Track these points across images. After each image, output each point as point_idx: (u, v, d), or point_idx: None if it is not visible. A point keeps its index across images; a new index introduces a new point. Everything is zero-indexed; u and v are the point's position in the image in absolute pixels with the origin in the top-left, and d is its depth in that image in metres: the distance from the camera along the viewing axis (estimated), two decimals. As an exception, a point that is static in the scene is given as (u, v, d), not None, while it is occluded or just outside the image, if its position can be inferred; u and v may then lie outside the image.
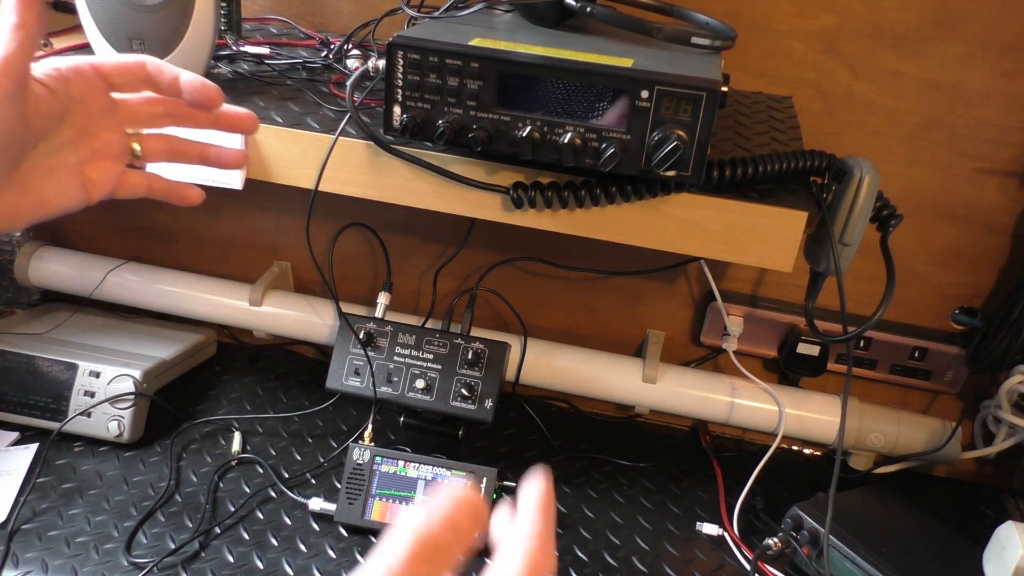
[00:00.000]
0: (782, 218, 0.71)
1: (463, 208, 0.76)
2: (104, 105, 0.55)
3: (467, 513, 0.34)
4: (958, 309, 1.08)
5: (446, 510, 0.34)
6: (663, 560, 0.94)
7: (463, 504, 0.34)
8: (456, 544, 0.34)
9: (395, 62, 0.68)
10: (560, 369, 1.12)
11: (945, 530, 0.96)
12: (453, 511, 0.34)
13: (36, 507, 0.93)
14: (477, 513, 0.34)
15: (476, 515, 0.34)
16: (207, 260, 1.26)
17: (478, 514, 0.34)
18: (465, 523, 0.34)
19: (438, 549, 0.33)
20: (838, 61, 0.98)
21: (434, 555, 0.32)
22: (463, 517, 0.34)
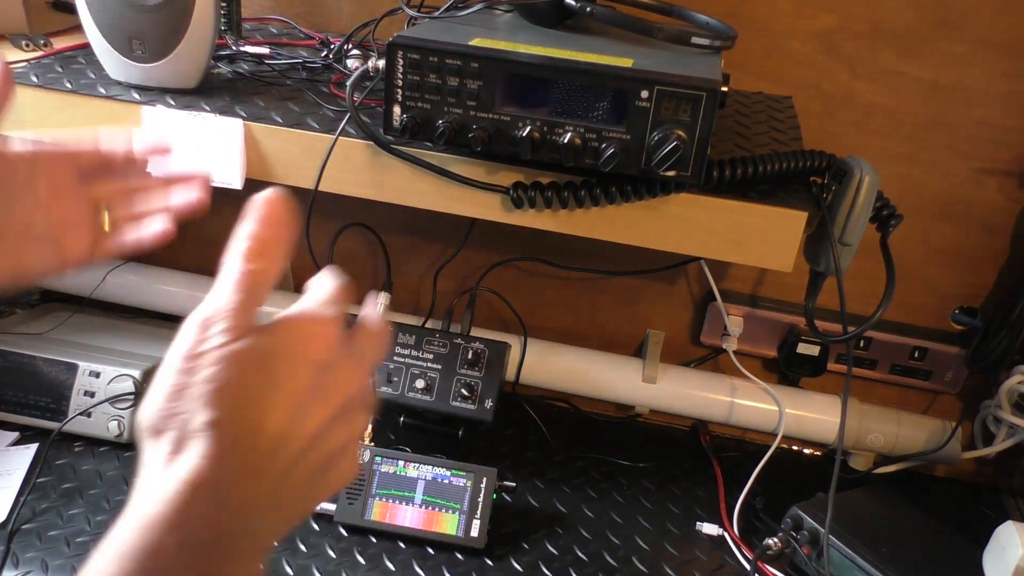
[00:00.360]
0: (782, 218, 0.71)
1: (463, 208, 0.76)
2: (70, 183, 0.58)
3: (277, 207, 0.41)
4: (958, 309, 1.08)
5: (264, 211, 0.40)
6: (663, 560, 0.94)
7: (275, 203, 0.40)
8: (279, 236, 0.41)
9: (395, 62, 0.68)
10: (560, 369, 1.12)
11: (945, 530, 0.96)
12: (267, 209, 0.40)
13: (36, 507, 0.93)
14: (285, 205, 0.41)
15: (285, 206, 0.41)
16: (207, 260, 1.25)
17: (286, 205, 0.41)
18: (279, 215, 0.41)
19: (265, 244, 0.40)
20: (838, 61, 0.98)
21: (265, 248, 0.40)
22: (276, 211, 0.41)
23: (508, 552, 0.93)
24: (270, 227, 0.41)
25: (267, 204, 0.41)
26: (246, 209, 0.41)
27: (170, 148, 0.63)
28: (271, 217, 0.41)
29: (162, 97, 0.81)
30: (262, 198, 0.41)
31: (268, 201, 0.41)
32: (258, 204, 0.41)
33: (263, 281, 0.41)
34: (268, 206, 0.41)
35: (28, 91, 0.81)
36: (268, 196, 0.41)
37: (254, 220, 0.41)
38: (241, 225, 0.41)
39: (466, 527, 0.91)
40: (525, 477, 1.05)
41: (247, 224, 0.41)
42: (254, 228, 0.40)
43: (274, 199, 0.41)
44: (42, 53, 0.90)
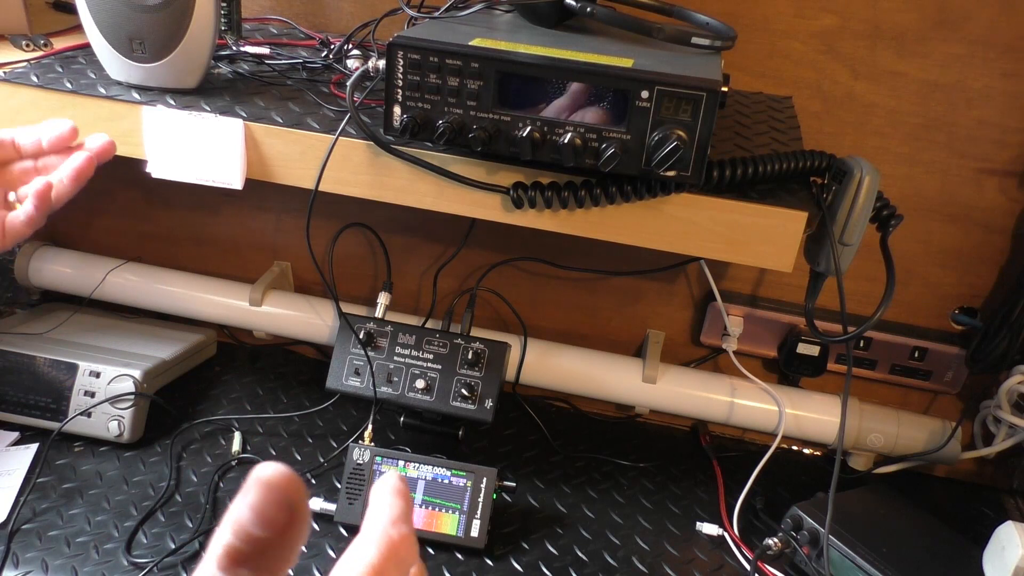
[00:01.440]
0: (782, 218, 0.71)
1: (463, 208, 0.76)
2: None
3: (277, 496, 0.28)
4: (958, 309, 1.08)
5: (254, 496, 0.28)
6: (663, 560, 0.94)
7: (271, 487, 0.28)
8: (271, 541, 0.28)
9: (395, 62, 0.68)
10: (560, 369, 1.12)
11: (945, 530, 0.96)
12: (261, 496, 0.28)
13: (36, 507, 0.93)
14: (289, 495, 0.28)
15: (288, 497, 0.28)
16: (207, 260, 1.26)
17: (292, 495, 0.28)
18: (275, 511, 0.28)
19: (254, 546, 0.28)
20: (838, 61, 0.98)
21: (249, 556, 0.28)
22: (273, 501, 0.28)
23: (508, 552, 0.93)
24: (268, 527, 0.28)
25: (263, 488, 0.27)
26: (247, 484, 0.28)
27: (74, 132, 0.70)
28: (270, 513, 0.27)
29: (162, 97, 0.81)
30: (260, 476, 0.27)
31: (264, 484, 0.27)
32: (254, 482, 0.28)
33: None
34: (264, 492, 0.27)
35: (28, 91, 0.81)
36: (267, 476, 0.28)
37: (253, 510, 0.28)
38: (237, 505, 0.28)
39: (466, 527, 0.91)
40: (525, 477, 1.05)
41: (243, 511, 0.28)
42: (240, 517, 0.28)
43: (273, 483, 0.28)
44: (42, 53, 0.90)
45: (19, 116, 0.82)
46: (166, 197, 1.24)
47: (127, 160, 0.81)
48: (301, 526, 0.28)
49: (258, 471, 0.28)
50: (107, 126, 0.81)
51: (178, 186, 0.82)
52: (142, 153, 0.81)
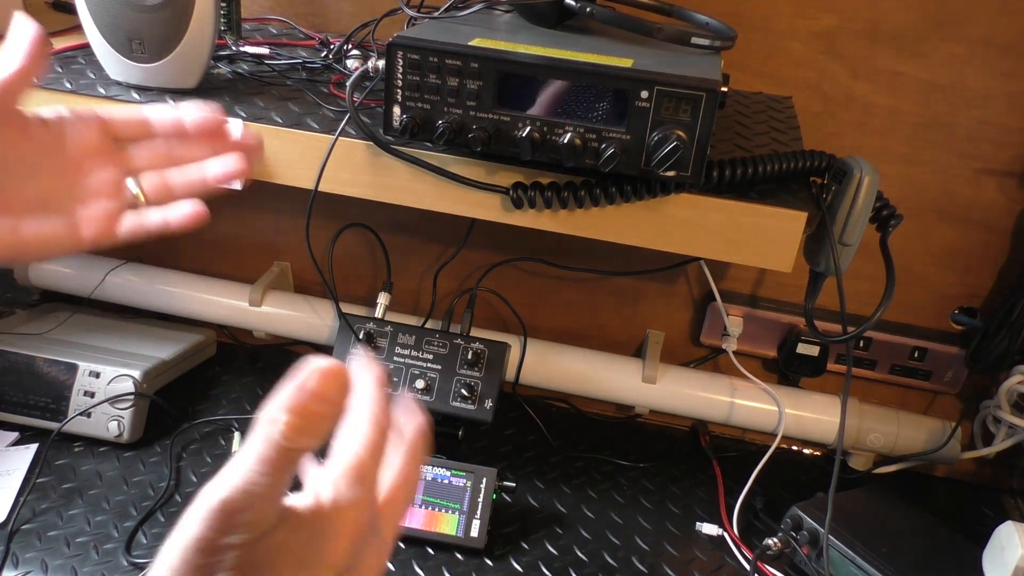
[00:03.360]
0: (782, 218, 0.71)
1: (463, 208, 0.76)
2: (101, 148, 0.54)
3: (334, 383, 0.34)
4: (958, 309, 1.08)
5: (314, 383, 0.33)
6: (663, 560, 0.94)
7: (329, 374, 0.33)
8: (326, 414, 0.34)
9: (395, 62, 0.68)
10: (560, 369, 1.12)
11: (945, 530, 0.96)
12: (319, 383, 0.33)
13: (36, 507, 0.93)
14: (343, 381, 0.34)
15: (342, 384, 0.34)
16: (207, 260, 1.26)
17: (344, 382, 0.34)
18: (333, 393, 0.34)
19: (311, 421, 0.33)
20: (838, 61, 0.98)
21: (308, 428, 0.33)
22: (332, 387, 0.34)
23: (508, 552, 0.93)
24: (321, 403, 0.33)
25: (323, 376, 0.33)
26: (298, 371, 0.33)
27: (225, 125, 0.56)
28: (324, 393, 0.33)
29: (162, 97, 0.81)
30: (318, 367, 0.33)
31: (325, 373, 0.33)
32: (312, 372, 0.33)
33: (296, 461, 0.33)
34: (324, 379, 0.33)
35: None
36: (326, 367, 0.33)
37: (304, 390, 0.33)
38: (288, 387, 0.33)
39: (466, 527, 0.91)
40: (525, 477, 1.05)
41: (295, 391, 0.33)
42: (302, 400, 0.33)
43: (332, 371, 0.33)
44: (42, 53, 0.90)
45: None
46: (166, 197, 1.24)
47: (127, 160, 0.81)
48: None
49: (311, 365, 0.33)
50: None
51: (178, 186, 0.82)
52: (142, 153, 0.81)
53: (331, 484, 0.35)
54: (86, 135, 0.53)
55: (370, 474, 0.36)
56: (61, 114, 0.52)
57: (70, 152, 0.52)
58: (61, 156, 0.51)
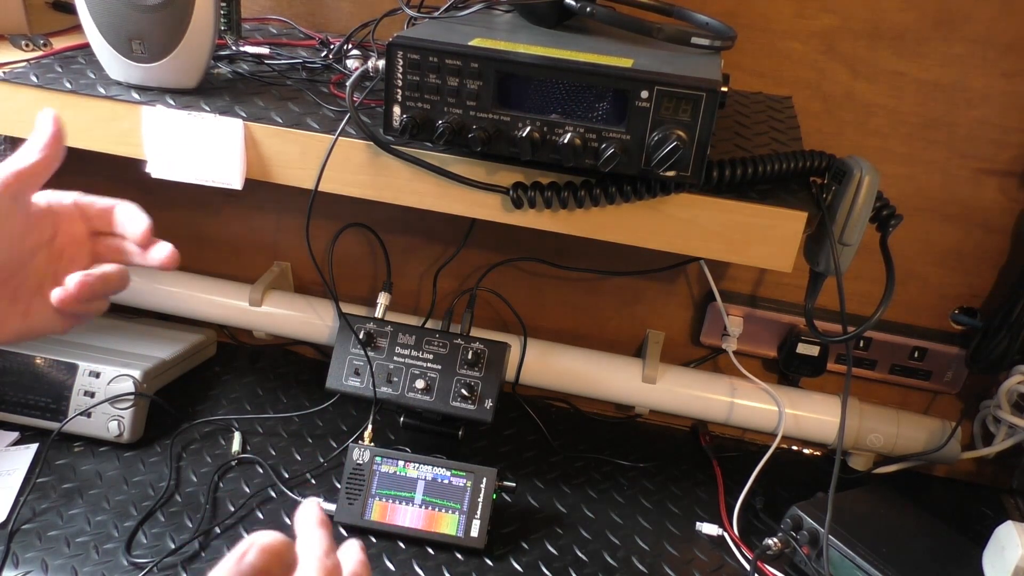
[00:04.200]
0: (782, 218, 0.71)
1: (463, 208, 0.76)
2: (83, 236, 0.58)
3: (277, 557, 0.36)
4: (958, 309, 1.08)
5: (254, 559, 0.35)
6: (663, 560, 0.94)
7: (271, 550, 0.36)
8: None
9: (395, 62, 0.68)
10: (560, 369, 1.12)
11: (945, 530, 0.96)
12: (263, 558, 0.35)
13: (36, 507, 0.93)
14: (284, 555, 0.36)
15: (284, 557, 0.36)
16: (207, 260, 1.26)
17: (285, 555, 0.37)
18: (275, 570, 0.36)
19: None
20: (838, 61, 0.98)
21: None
22: (273, 562, 0.36)
23: (508, 552, 0.93)
24: None
25: (267, 552, 0.35)
26: (243, 546, 0.35)
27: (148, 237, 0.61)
28: (267, 570, 0.36)
29: (162, 97, 0.81)
30: (266, 542, 0.36)
31: (270, 549, 0.35)
32: (259, 547, 0.36)
33: None
34: (269, 554, 0.35)
35: (28, 91, 0.81)
36: (274, 542, 0.36)
37: (245, 566, 0.35)
38: (229, 562, 0.35)
39: (466, 527, 0.91)
40: (525, 477, 1.05)
41: (235, 568, 0.35)
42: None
43: (280, 547, 0.36)
44: (42, 53, 0.90)
45: (19, 116, 0.82)
46: (166, 197, 1.23)
47: (127, 160, 0.81)
48: None
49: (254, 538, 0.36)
50: (107, 126, 0.81)
51: (178, 186, 0.82)
52: (142, 153, 0.81)
53: None
54: (72, 226, 0.57)
55: None
56: (52, 204, 0.55)
57: (59, 242, 0.56)
58: (52, 244, 0.55)
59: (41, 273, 0.54)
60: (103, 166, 0.98)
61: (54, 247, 0.55)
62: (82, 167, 1.23)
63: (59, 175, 0.54)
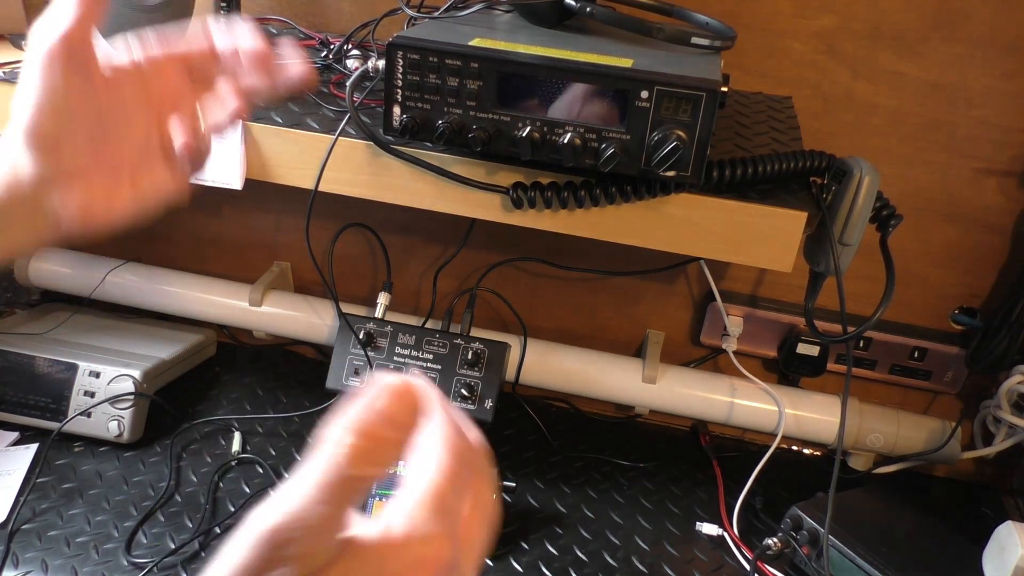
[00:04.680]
0: (782, 218, 0.71)
1: (463, 208, 0.76)
2: (181, 89, 0.51)
3: (405, 404, 0.32)
4: (958, 309, 1.08)
5: (384, 403, 0.31)
6: (663, 560, 0.94)
7: (400, 394, 0.31)
8: (397, 439, 0.32)
9: (395, 62, 0.68)
10: (560, 369, 1.12)
11: (945, 530, 0.96)
12: (391, 404, 0.31)
13: (36, 507, 0.93)
14: (414, 402, 0.32)
15: (414, 405, 0.32)
16: (207, 260, 1.26)
17: (415, 403, 0.32)
18: (404, 415, 0.31)
19: (380, 445, 0.31)
20: (838, 61, 0.98)
21: (376, 453, 0.30)
22: (403, 409, 0.31)
23: (508, 552, 0.93)
24: (391, 426, 0.31)
25: (394, 396, 0.31)
26: (370, 390, 0.31)
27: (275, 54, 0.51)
28: (395, 415, 0.31)
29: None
30: (389, 385, 0.31)
31: (396, 392, 0.31)
32: (382, 391, 0.31)
33: (360, 490, 0.30)
34: (395, 399, 0.31)
35: (28, 91, 0.81)
36: (397, 386, 0.32)
37: (375, 410, 0.31)
38: (357, 406, 0.31)
39: (466, 527, 0.91)
40: (525, 477, 1.05)
41: (365, 411, 0.31)
42: (371, 421, 0.30)
43: (404, 391, 0.32)
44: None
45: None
46: (166, 197, 1.24)
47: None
48: None
49: (380, 382, 0.31)
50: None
51: (178, 186, 0.82)
52: (142, 153, 0.81)
53: (406, 515, 0.31)
54: (168, 79, 0.50)
55: (452, 505, 0.32)
56: (137, 60, 0.49)
57: (154, 99, 0.50)
58: (150, 104, 0.49)
59: (142, 136, 0.49)
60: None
61: (151, 105, 0.49)
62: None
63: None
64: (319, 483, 0.29)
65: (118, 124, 0.48)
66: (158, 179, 0.51)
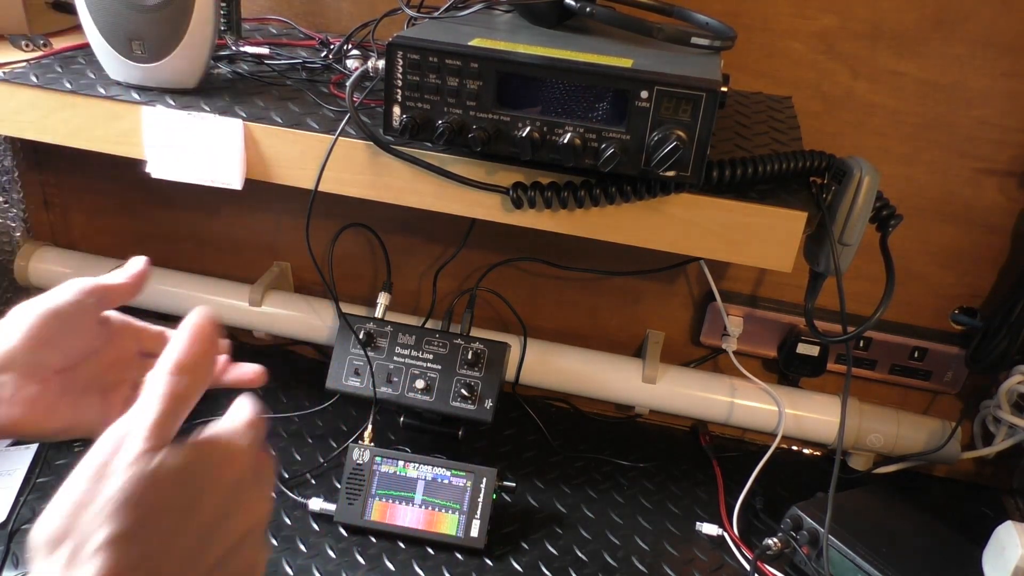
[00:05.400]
0: (782, 218, 0.71)
1: (463, 208, 0.76)
2: (133, 354, 0.64)
3: (211, 328, 0.42)
4: (958, 309, 1.08)
5: (196, 329, 0.42)
6: (663, 560, 0.94)
7: (206, 321, 0.42)
8: (209, 355, 0.42)
9: (395, 62, 0.68)
10: (560, 369, 1.12)
11: (945, 530, 0.96)
12: (201, 328, 0.42)
13: (36, 507, 0.93)
14: (216, 328, 0.43)
15: (216, 329, 0.43)
16: (207, 260, 1.26)
17: (216, 329, 0.43)
18: (212, 335, 0.42)
19: (196, 361, 0.41)
20: (838, 61, 0.98)
21: (195, 367, 0.41)
22: (209, 332, 0.42)
23: (508, 552, 0.93)
24: (200, 344, 0.42)
25: (198, 322, 0.42)
26: (180, 327, 0.42)
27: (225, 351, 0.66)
28: (201, 335, 0.42)
29: (162, 97, 0.81)
30: (194, 317, 0.42)
31: (199, 319, 0.42)
32: (190, 322, 0.42)
33: (187, 396, 0.41)
34: (199, 324, 0.42)
35: (28, 91, 0.81)
36: (200, 315, 0.42)
37: (185, 336, 0.42)
38: (171, 340, 0.42)
39: (466, 527, 0.91)
40: (525, 477, 1.05)
41: (177, 339, 0.41)
42: (184, 343, 0.41)
43: (205, 319, 0.42)
44: (42, 53, 0.90)
45: (19, 116, 0.82)
46: (166, 197, 1.24)
47: (127, 160, 0.81)
48: None
49: (189, 316, 0.42)
50: (107, 126, 0.81)
51: (178, 186, 0.82)
52: (142, 153, 0.81)
53: (222, 426, 0.43)
54: (127, 341, 0.63)
55: (261, 431, 0.45)
56: (114, 319, 0.63)
57: (113, 351, 0.61)
58: (108, 352, 0.61)
59: (91, 376, 0.59)
60: (103, 166, 0.98)
61: (105, 356, 0.61)
62: (82, 167, 1.24)
63: (59, 175, 0.54)
64: (153, 395, 0.39)
65: (82, 358, 0.58)
66: (92, 413, 0.59)
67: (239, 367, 0.66)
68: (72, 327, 0.56)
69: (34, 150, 1.23)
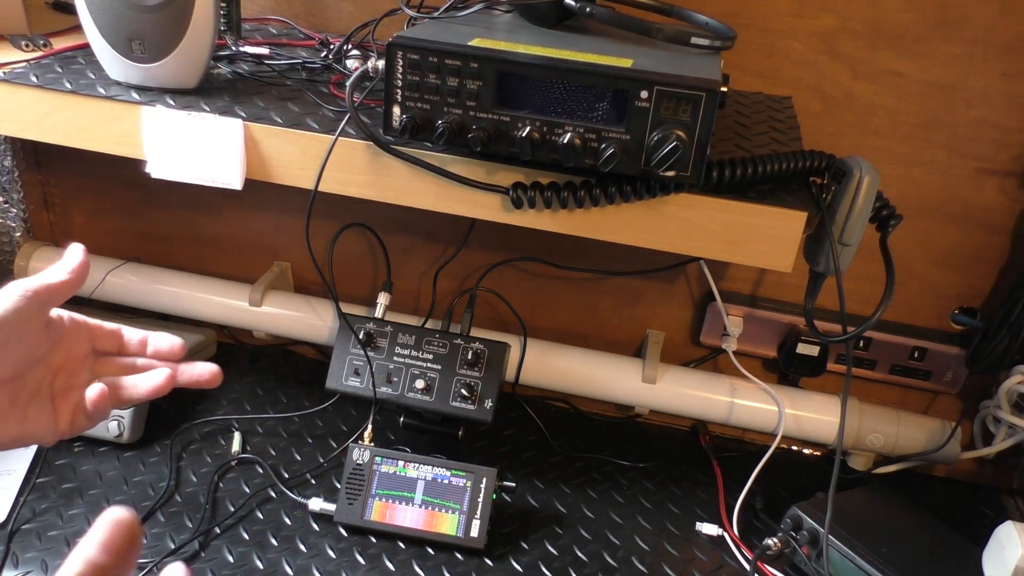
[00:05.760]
0: (781, 218, 0.71)
1: (463, 208, 0.76)
2: (84, 354, 0.61)
3: (125, 535, 0.37)
4: (958, 309, 1.08)
5: (105, 535, 0.37)
6: (663, 560, 0.94)
7: (121, 526, 0.37)
8: (118, 567, 0.37)
9: (395, 62, 0.68)
10: (560, 369, 1.12)
11: (945, 530, 0.96)
12: (111, 535, 0.37)
13: (36, 507, 0.93)
14: (133, 533, 0.38)
15: (133, 536, 0.38)
16: (207, 260, 1.26)
17: (134, 534, 0.38)
18: (124, 545, 0.37)
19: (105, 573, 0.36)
20: (838, 61, 0.98)
21: None
22: (121, 540, 0.37)
23: (508, 552, 0.93)
24: (110, 555, 0.37)
25: (113, 526, 0.37)
26: (95, 525, 0.37)
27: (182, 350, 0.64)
28: (114, 543, 0.37)
29: (162, 97, 0.81)
30: (109, 517, 0.37)
31: (115, 523, 0.37)
32: (104, 523, 0.37)
33: None
34: (114, 529, 0.37)
35: (27, 91, 0.81)
36: (116, 517, 0.37)
37: (96, 543, 0.37)
38: (84, 540, 0.37)
39: (466, 527, 0.91)
40: (525, 477, 1.05)
41: (87, 545, 0.37)
42: (93, 554, 0.36)
43: (122, 521, 0.37)
44: (42, 53, 0.90)
45: (19, 116, 0.82)
46: (166, 197, 1.24)
47: (127, 160, 0.81)
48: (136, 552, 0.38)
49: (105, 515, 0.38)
50: (107, 126, 0.81)
51: (178, 186, 0.82)
52: (142, 153, 0.81)
53: None
54: (78, 342, 0.61)
55: None
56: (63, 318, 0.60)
57: (61, 354, 0.59)
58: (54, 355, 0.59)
59: (38, 382, 0.57)
60: (103, 166, 0.98)
61: (53, 360, 0.59)
62: (82, 167, 1.24)
63: (59, 175, 0.54)
64: None
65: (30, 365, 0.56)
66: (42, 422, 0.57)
67: (194, 367, 0.64)
68: (16, 335, 0.54)
69: (34, 150, 1.23)
